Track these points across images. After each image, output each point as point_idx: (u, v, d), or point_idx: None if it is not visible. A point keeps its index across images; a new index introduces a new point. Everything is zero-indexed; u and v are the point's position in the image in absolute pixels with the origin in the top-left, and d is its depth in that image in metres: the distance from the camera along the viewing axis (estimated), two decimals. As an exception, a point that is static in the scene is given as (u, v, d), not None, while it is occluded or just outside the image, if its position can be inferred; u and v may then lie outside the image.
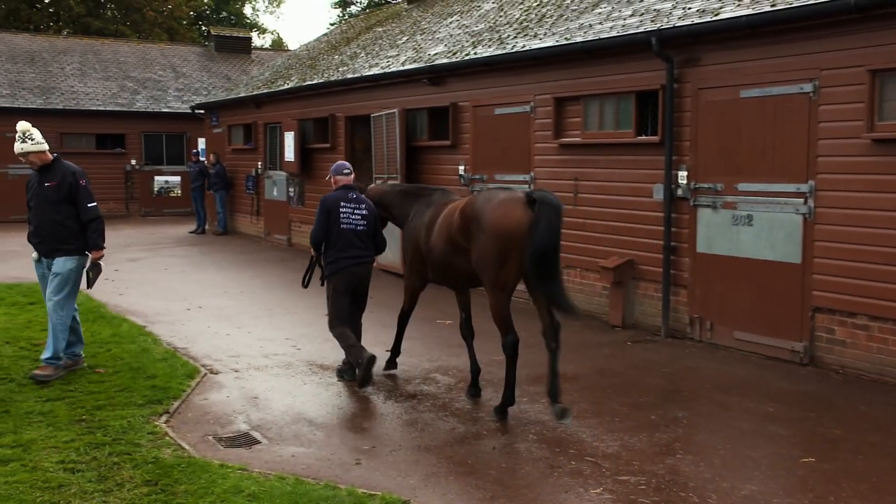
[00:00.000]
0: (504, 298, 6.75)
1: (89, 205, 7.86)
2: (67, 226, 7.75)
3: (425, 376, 8.15)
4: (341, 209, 7.77)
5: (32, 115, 26.02)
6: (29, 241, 7.92)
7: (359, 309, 8.06)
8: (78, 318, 8.15)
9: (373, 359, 7.42)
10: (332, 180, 8.10)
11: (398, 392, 7.61)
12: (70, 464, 5.57)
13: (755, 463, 5.87)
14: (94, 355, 8.51)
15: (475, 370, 7.57)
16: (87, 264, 7.88)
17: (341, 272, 7.75)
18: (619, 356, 9.09)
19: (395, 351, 8.34)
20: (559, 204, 6.58)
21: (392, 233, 9.62)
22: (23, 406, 6.79)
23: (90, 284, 7.92)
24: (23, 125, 7.77)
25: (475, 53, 12.91)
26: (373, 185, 8.56)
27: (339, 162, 8.26)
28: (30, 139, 7.72)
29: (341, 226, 7.73)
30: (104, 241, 7.94)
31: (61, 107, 26.68)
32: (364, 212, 7.85)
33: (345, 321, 7.80)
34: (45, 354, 7.70)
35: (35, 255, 7.90)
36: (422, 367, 8.51)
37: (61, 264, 7.73)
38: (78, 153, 27.09)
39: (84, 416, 6.58)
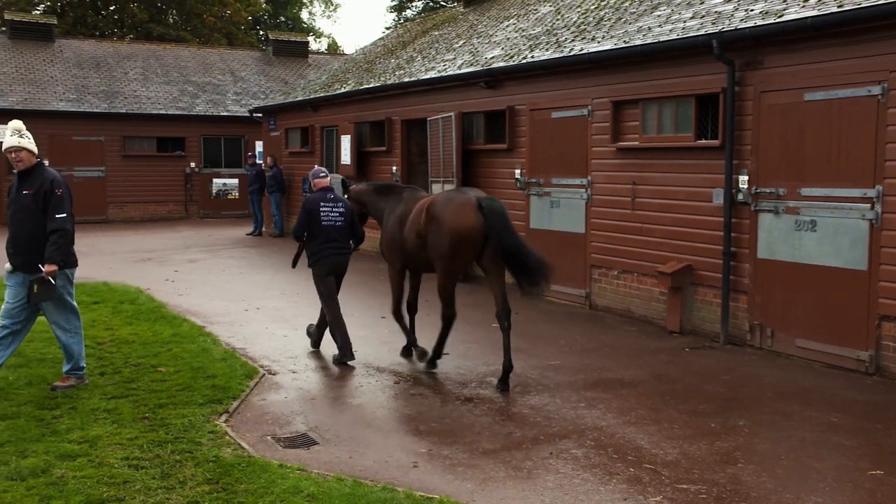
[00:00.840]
0: (452, 281, 8.09)
1: (58, 215, 7.13)
2: (45, 237, 7.14)
3: (481, 380, 8.14)
4: (321, 209, 8.82)
5: (97, 119, 26.78)
6: (6, 250, 7.33)
7: (336, 288, 9.10)
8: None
9: (349, 344, 8.75)
10: (312, 184, 9.10)
11: (454, 395, 7.61)
12: (134, 460, 5.67)
13: (820, 474, 5.73)
14: (155, 354, 8.67)
15: (412, 341, 8.92)
16: (34, 276, 7.11)
17: (324, 260, 8.88)
18: (676, 362, 8.97)
19: (412, 340, 8.96)
20: (503, 208, 7.76)
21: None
22: (89, 403, 6.94)
23: (31, 300, 7.09)
24: (17, 123, 7.42)
25: (532, 57, 12.86)
26: (354, 185, 9.73)
27: (316, 168, 9.35)
28: (26, 136, 7.32)
29: (322, 223, 8.79)
30: (62, 258, 7.15)
31: (125, 111, 27.28)
32: (341, 209, 8.92)
33: (336, 299, 9.00)
34: (65, 367, 7.48)
35: (8, 266, 7.29)
36: (478, 370, 8.49)
37: None
38: (140, 156, 27.79)
39: (147, 414, 6.70)
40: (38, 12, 41.34)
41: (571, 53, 11.89)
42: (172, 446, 5.96)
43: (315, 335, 9.39)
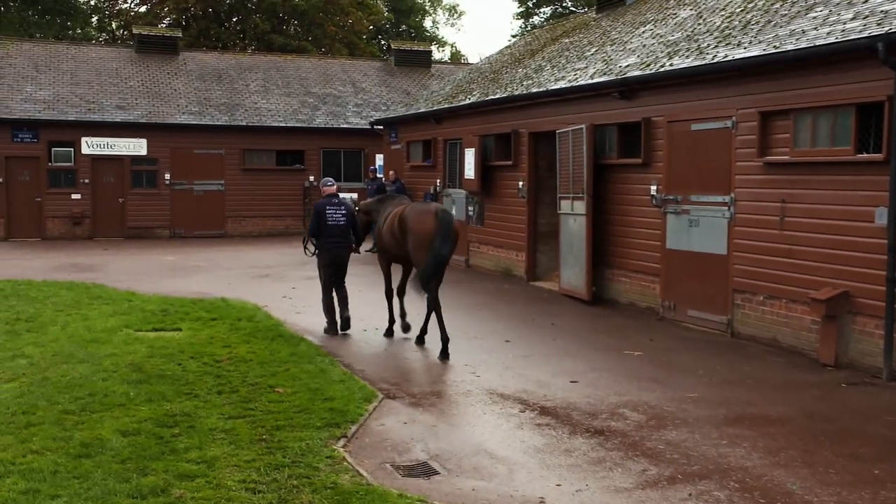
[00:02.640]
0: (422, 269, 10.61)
1: None
2: None
3: (613, 411, 7.99)
4: (327, 211, 11.47)
5: (218, 132, 27.92)
6: None
7: (342, 277, 11.75)
8: None
9: (334, 324, 11.57)
10: (322, 191, 11.93)
11: (584, 427, 7.49)
12: (251, 484, 5.82)
13: None
14: (273, 374, 8.89)
15: (403, 314, 11.51)
16: None
17: (327, 252, 11.52)
18: (831, 399, 8.57)
19: (392, 320, 11.55)
20: (451, 220, 10.48)
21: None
22: (207, 422, 7.18)
23: None
24: None
25: (671, 65, 12.63)
26: (364, 201, 12.87)
27: (324, 178, 12.36)
28: None
29: (328, 222, 11.43)
30: None
31: (245, 123, 28.32)
32: (343, 211, 11.56)
33: (331, 287, 11.65)
34: None
35: None
36: (609, 400, 8.35)
37: None
38: (259, 169, 28.77)
39: (264, 436, 6.87)
40: (163, 26, 43.56)
41: (714, 61, 11.61)
42: (290, 470, 6.09)
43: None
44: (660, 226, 12.99)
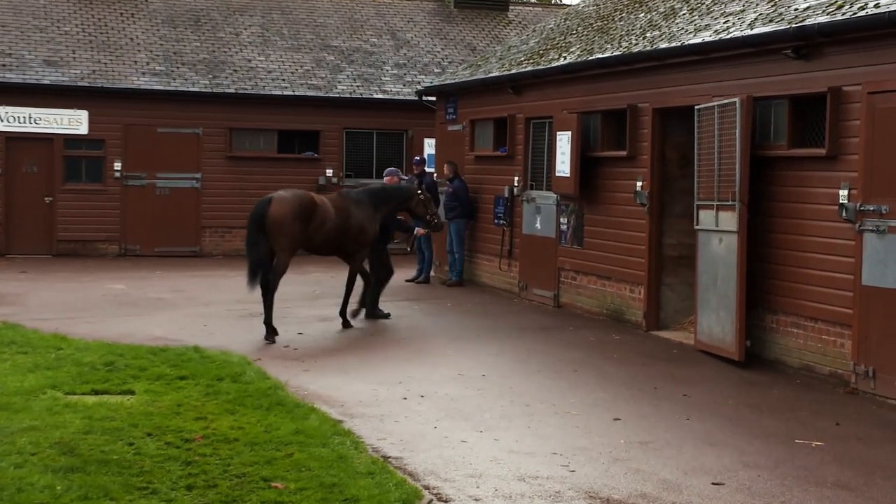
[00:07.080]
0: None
1: None
2: None
3: (779, 531, 7.87)
4: None
5: (193, 103, 28.22)
6: None
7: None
8: None
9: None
10: None
11: (735, 554, 7.39)
12: None
13: None
14: (268, 462, 8.90)
15: (347, 301, 16.73)
16: None
17: None
18: None
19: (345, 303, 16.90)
20: (255, 212, 15.52)
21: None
22: (169, 531, 7.21)
23: None
24: None
25: (875, 6, 12.47)
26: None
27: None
28: None
29: None
30: None
31: (233, 90, 28.64)
32: None
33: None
34: None
35: None
36: (772, 515, 8.23)
37: None
38: (253, 158, 28.84)
39: (254, 554, 6.87)
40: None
41: (940, 1, 11.47)
42: None
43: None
44: (852, 250, 12.78)
